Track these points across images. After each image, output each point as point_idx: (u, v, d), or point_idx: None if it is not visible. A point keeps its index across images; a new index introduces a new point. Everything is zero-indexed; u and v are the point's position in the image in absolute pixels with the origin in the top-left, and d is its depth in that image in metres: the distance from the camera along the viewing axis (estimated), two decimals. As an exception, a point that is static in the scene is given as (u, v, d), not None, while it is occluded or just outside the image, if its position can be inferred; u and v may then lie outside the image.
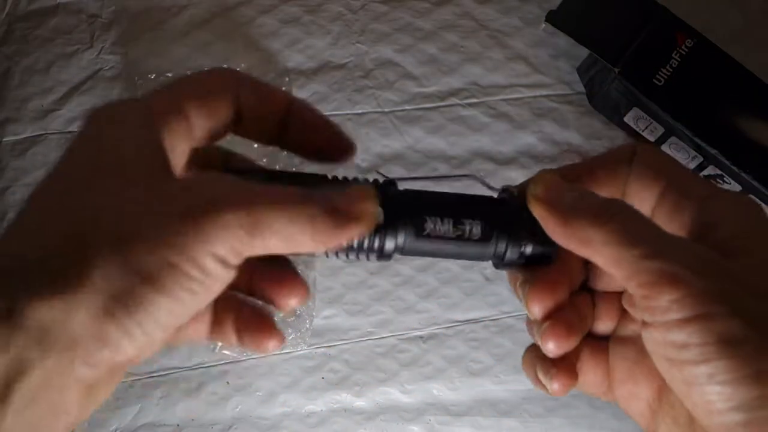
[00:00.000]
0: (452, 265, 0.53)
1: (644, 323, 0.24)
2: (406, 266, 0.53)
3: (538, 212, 0.26)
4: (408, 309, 0.53)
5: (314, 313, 0.52)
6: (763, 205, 0.50)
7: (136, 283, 0.21)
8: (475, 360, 0.52)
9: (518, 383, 0.52)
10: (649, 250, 0.23)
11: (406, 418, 0.51)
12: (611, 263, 0.23)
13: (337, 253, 0.26)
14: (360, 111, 0.56)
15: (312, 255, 0.26)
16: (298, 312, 0.51)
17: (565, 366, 0.27)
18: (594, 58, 0.53)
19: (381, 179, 0.28)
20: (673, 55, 0.50)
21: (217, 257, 0.22)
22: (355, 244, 0.26)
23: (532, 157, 0.55)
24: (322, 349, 0.52)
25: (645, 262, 0.22)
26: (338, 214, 0.23)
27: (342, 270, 0.53)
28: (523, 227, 0.27)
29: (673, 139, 0.51)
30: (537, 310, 0.27)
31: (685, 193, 0.25)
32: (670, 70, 0.49)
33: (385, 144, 0.55)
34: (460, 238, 0.26)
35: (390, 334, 0.52)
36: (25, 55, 0.56)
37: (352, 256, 0.26)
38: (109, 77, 0.56)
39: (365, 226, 0.24)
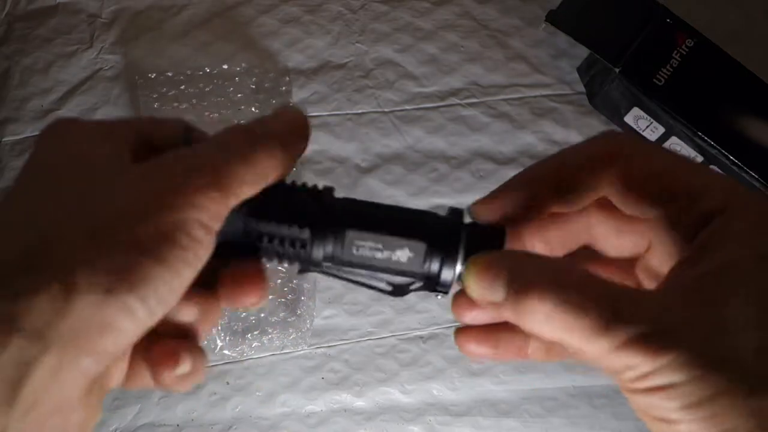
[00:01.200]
0: (452, 265, 0.53)
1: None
2: (406, 266, 0.53)
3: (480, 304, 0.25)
4: (408, 309, 0.53)
5: (314, 313, 0.52)
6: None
7: (134, 258, 0.21)
8: (475, 360, 0.52)
9: (518, 383, 0.52)
10: (603, 318, 0.21)
11: (406, 418, 0.51)
12: (571, 344, 0.22)
13: (270, 258, 0.26)
14: (360, 111, 0.56)
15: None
16: (299, 312, 0.51)
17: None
18: (594, 57, 0.53)
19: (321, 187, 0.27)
20: (673, 54, 0.50)
21: (201, 223, 0.22)
22: (285, 249, 0.25)
23: (532, 157, 0.55)
24: (322, 349, 0.52)
25: (602, 336, 0.21)
26: (286, 137, 0.25)
27: (342, 270, 0.53)
28: (459, 247, 0.25)
29: (673, 138, 0.51)
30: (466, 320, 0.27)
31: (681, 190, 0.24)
32: (671, 69, 0.49)
33: (385, 144, 0.55)
34: (384, 255, 0.25)
35: (390, 334, 0.52)
36: (25, 55, 0.56)
37: (285, 263, 0.26)
38: (109, 77, 0.56)
39: (307, 132, 0.26)
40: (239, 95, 0.54)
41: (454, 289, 0.26)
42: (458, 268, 0.25)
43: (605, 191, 0.25)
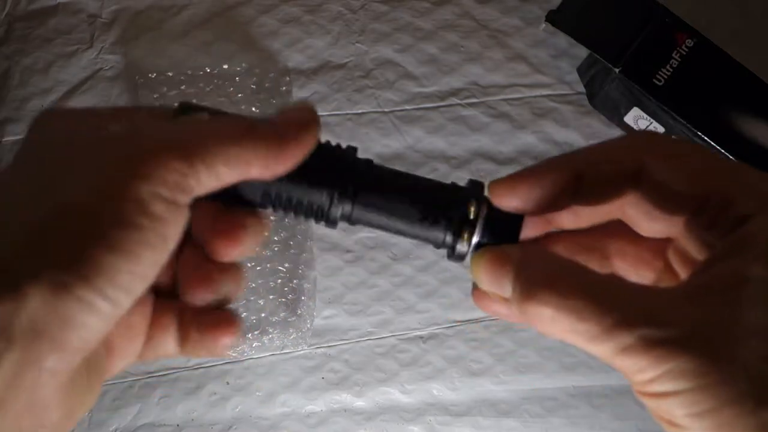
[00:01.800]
0: (452, 265, 0.53)
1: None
2: (406, 266, 0.53)
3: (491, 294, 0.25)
4: (408, 309, 0.53)
5: (315, 313, 0.52)
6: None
7: (85, 248, 0.20)
8: (475, 360, 0.52)
9: (518, 383, 0.52)
10: (617, 317, 0.21)
11: (406, 418, 0.51)
12: (579, 340, 0.22)
13: (285, 210, 0.26)
14: (360, 111, 0.56)
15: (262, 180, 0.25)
16: (299, 312, 0.51)
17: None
18: (594, 58, 0.53)
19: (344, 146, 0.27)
20: (673, 54, 0.50)
21: (161, 197, 0.21)
22: (303, 209, 0.25)
23: (532, 157, 0.55)
24: (322, 349, 0.52)
25: (618, 334, 0.21)
26: (283, 139, 0.23)
27: (342, 270, 0.53)
28: (475, 228, 0.25)
29: (673, 139, 0.52)
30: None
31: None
32: (671, 69, 0.49)
33: (385, 144, 0.55)
34: (398, 216, 0.26)
35: (390, 334, 0.52)
36: (25, 55, 0.56)
37: (300, 215, 0.26)
38: (109, 77, 0.56)
39: (307, 148, 0.24)
40: (240, 95, 0.54)
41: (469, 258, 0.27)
42: (471, 244, 0.26)
43: (632, 197, 0.24)
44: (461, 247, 0.26)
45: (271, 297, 0.51)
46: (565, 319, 0.21)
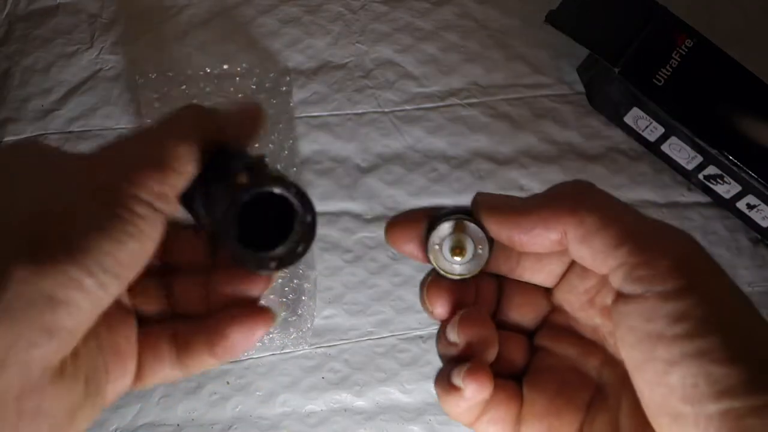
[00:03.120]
0: (452, 265, 0.53)
1: (625, 297, 0.22)
2: (406, 266, 0.53)
3: (505, 229, 0.25)
4: (408, 309, 0.53)
5: (315, 313, 0.52)
6: (764, 204, 0.50)
7: (72, 229, 0.21)
8: (475, 360, 0.52)
9: (518, 383, 0.52)
10: (643, 218, 0.22)
11: (406, 418, 0.51)
12: (596, 233, 0.23)
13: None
14: (360, 111, 0.56)
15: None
16: (300, 312, 0.51)
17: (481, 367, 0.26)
18: (594, 58, 0.53)
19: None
20: (673, 55, 0.50)
21: (140, 199, 0.23)
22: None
23: (532, 157, 0.55)
24: (322, 349, 0.52)
25: (640, 226, 0.22)
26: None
27: (342, 270, 0.53)
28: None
29: (672, 139, 0.51)
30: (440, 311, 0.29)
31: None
32: (670, 70, 0.49)
33: (385, 144, 0.55)
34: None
35: (390, 334, 0.52)
36: (25, 55, 0.56)
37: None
38: (110, 77, 0.56)
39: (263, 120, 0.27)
40: (240, 95, 0.54)
41: None
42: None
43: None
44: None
45: (271, 297, 0.51)
46: (598, 216, 0.23)
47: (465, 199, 0.56)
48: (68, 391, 0.22)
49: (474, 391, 0.25)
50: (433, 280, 0.29)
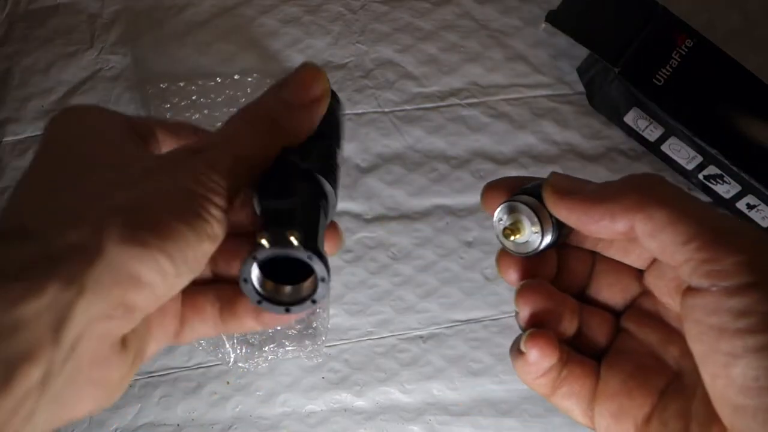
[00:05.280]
0: (452, 265, 0.53)
1: (693, 291, 0.23)
2: (406, 266, 0.53)
3: (564, 205, 0.26)
4: (408, 309, 0.53)
5: (328, 325, 0.52)
6: (763, 204, 0.50)
7: (161, 215, 0.22)
8: (475, 360, 0.52)
9: (518, 383, 0.52)
10: (712, 212, 0.22)
11: (406, 417, 0.51)
12: (664, 228, 0.23)
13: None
14: (360, 111, 0.56)
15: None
16: (315, 324, 0.51)
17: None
18: (594, 58, 0.53)
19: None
20: (672, 55, 0.50)
21: (219, 207, 0.24)
22: None
23: (532, 157, 0.55)
24: (323, 349, 0.52)
25: (708, 222, 0.22)
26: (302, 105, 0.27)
27: (342, 270, 0.53)
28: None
29: (672, 139, 0.51)
30: (526, 310, 0.28)
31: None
32: (670, 70, 0.49)
33: (385, 144, 0.55)
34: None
35: (390, 334, 0.52)
36: (25, 55, 0.56)
37: None
38: (110, 77, 0.56)
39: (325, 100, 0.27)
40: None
41: None
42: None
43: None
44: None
45: None
46: (669, 210, 0.23)
47: (465, 199, 0.56)
48: (125, 361, 0.24)
49: (536, 356, 0.27)
50: (503, 250, 0.30)
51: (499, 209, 0.29)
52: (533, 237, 0.28)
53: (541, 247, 0.28)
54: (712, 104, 0.49)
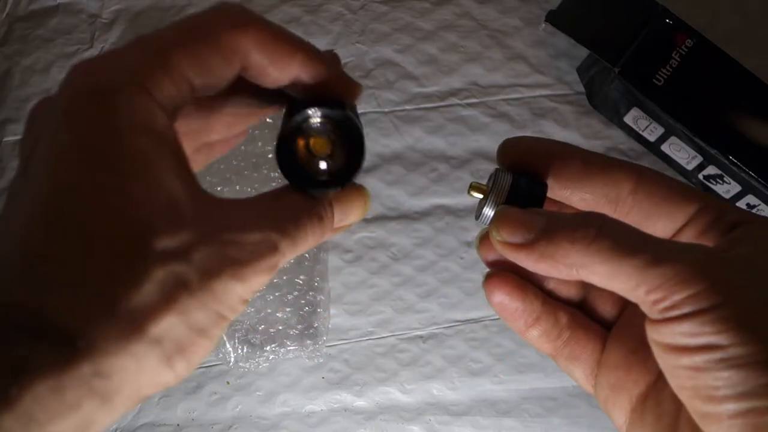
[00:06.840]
0: (452, 265, 0.53)
1: (651, 321, 0.23)
2: (406, 266, 0.53)
3: (511, 257, 0.25)
4: (408, 309, 0.53)
5: (329, 325, 0.52)
6: (764, 204, 0.50)
7: (194, 337, 0.22)
8: (475, 360, 0.52)
9: (518, 383, 0.52)
10: (651, 257, 0.22)
11: (406, 417, 0.51)
12: (609, 279, 0.23)
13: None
14: (360, 111, 0.56)
15: None
16: (316, 324, 0.51)
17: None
18: (594, 58, 0.53)
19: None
20: (672, 55, 0.50)
21: (243, 299, 0.24)
22: None
23: (532, 157, 0.55)
24: (323, 349, 0.52)
25: (652, 269, 0.22)
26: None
27: (342, 270, 0.53)
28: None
29: (672, 139, 0.51)
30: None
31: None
32: (670, 70, 0.49)
33: (385, 144, 0.55)
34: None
35: (390, 334, 0.52)
36: (26, 55, 0.56)
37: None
38: (110, 77, 0.56)
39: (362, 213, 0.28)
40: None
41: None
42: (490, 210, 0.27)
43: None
44: (488, 210, 0.27)
45: (288, 310, 0.51)
46: (611, 259, 0.23)
47: (465, 199, 0.56)
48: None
49: (499, 297, 0.28)
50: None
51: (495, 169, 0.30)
52: (486, 210, 0.28)
53: (483, 222, 0.29)
54: (712, 104, 0.49)
